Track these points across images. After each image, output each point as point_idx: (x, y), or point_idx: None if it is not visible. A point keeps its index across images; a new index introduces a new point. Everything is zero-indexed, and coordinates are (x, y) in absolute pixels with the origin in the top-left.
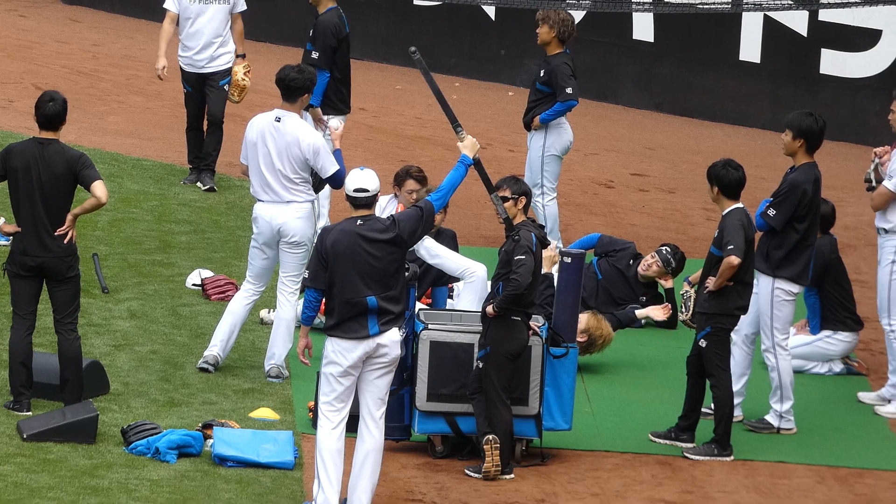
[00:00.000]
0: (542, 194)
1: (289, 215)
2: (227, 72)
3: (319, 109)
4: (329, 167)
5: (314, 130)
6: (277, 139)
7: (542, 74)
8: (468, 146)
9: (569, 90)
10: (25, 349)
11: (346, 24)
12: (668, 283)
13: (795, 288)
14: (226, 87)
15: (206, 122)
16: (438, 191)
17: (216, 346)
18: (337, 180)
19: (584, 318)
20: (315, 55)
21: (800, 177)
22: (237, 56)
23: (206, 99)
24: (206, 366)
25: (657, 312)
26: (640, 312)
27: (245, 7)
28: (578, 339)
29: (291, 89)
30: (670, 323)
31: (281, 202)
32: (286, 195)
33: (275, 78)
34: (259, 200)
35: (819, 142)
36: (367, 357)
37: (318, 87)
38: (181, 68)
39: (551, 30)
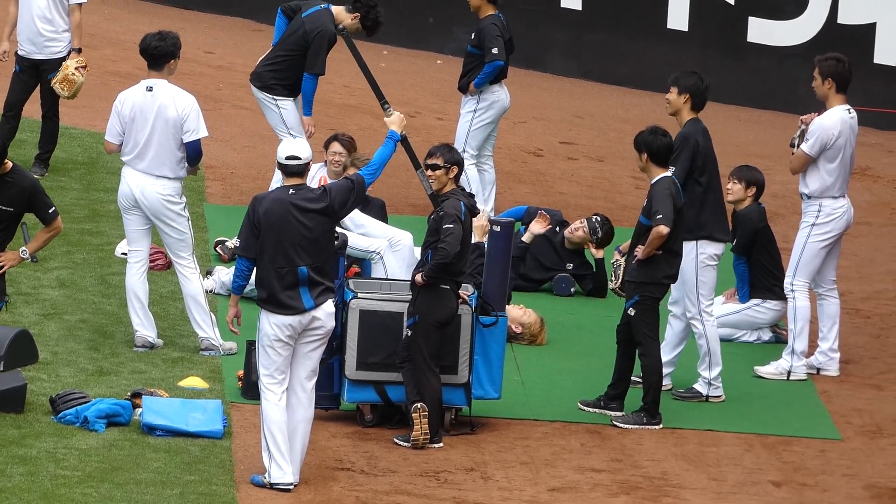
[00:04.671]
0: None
1: (153, 189)
2: (57, 64)
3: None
4: (199, 130)
5: (187, 94)
6: (152, 109)
7: (472, 37)
8: (395, 122)
9: (494, 50)
10: None
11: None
12: (599, 254)
13: (718, 249)
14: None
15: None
16: (370, 165)
17: (139, 329)
18: (196, 148)
19: (532, 315)
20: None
21: (688, 129)
22: (72, 50)
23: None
24: (142, 350)
25: (537, 226)
26: (525, 237)
27: None
28: (514, 328)
29: (157, 57)
30: (600, 291)
31: (150, 175)
32: (157, 170)
33: (139, 48)
34: (129, 166)
35: (703, 100)
36: (303, 329)
37: None
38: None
39: None
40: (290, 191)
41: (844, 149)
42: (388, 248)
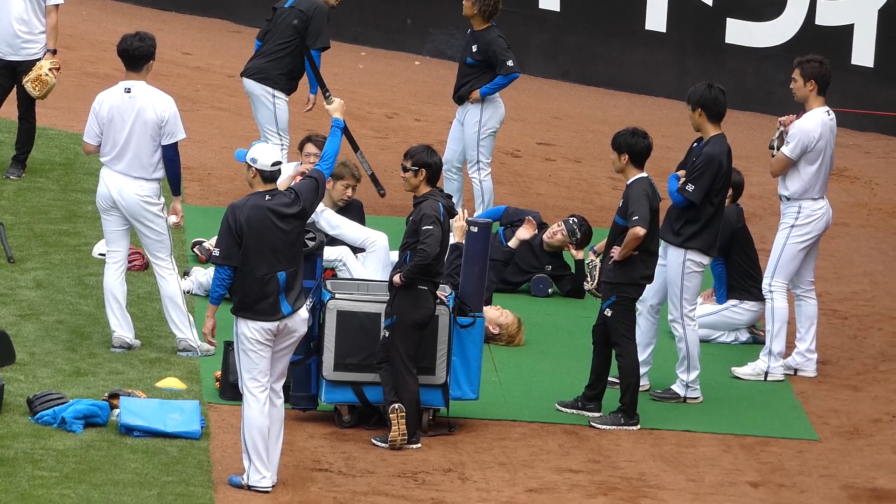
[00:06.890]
0: (479, 170)
1: (131, 190)
2: (34, 66)
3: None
4: (177, 133)
5: (166, 95)
6: (130, 110)
7: (473, 50)
8: (337, 109)
9: (510, 63)
10: None
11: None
12: (579, 255)
13: (706, 259)
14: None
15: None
16: (325, 159)
17: (117, 330)
18: (174, 149)
19: (509, 316)
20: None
21: (714, 149)
22: (48, 51)
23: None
24: (119, 350)
25: (524, 232)
26: (511, 243)
27: (61, 1)
28: (491, 329)
29: (137, 58)
30: (578, 292)
31: (128, 176)
32: (135, 171)
33: (117, 49)
34: (107, 167)
35: (718, 109)
36: (278, 333)
37: None
38: None
39: (473, 5)
40: (266, 197)
41: (825, 151)
42: (383, 247)
